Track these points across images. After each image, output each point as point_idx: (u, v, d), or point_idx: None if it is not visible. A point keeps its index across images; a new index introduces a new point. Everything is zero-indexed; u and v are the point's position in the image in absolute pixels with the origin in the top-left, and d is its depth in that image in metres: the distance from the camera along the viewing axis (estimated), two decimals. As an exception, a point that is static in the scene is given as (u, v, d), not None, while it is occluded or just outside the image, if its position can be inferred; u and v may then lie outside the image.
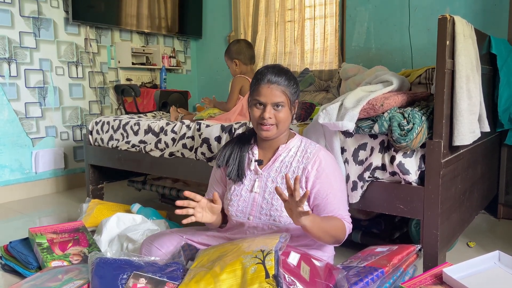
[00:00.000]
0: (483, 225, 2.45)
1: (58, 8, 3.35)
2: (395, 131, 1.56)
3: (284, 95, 1.50)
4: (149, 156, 2.45)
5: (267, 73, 1.51)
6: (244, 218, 1.57)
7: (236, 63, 2.51)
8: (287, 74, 1.53)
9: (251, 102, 1.55)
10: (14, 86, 3.13)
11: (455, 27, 1.63)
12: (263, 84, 1.50)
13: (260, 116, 1.50)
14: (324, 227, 1.42)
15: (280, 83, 1.49)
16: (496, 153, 2.49)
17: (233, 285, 1.24)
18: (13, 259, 1.83)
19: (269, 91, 1.49)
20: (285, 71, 1.54)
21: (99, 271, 1.36)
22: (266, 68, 1.54)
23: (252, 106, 1.54)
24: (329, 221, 1.46)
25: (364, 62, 3.23)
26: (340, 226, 1.49)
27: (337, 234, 1.47)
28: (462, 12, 2.80)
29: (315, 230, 1.38)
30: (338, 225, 1.48)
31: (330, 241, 1.49)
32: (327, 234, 1.43)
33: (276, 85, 1.49)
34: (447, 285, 1.39)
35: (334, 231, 1.46)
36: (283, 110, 1.50)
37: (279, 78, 1.50)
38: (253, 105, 1.54)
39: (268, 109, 1.49)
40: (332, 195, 1.51)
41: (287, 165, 1.56)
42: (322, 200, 1.51)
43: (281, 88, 1.49)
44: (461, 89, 1.62)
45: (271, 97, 1.49)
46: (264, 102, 1.50)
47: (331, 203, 1.50)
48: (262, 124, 1.50)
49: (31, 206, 3.02)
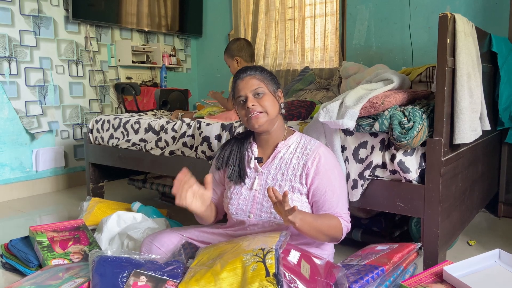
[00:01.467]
0: (484, 224, 2.45)
1: (58, 6, 3.34)
2: (395, 130, 1.56)
3: (261, 82, 1.54)
4: (149, 154, 2.45)
5: (238, 72, 1.58)
6: (245, 216, 1.57)
7: (237, 60, 2.50)
8: (257, 67, 1.60)
9: (236, 103, 1.58)
10: (14, 84, 3.13)
11: (455, 25, 1.62)
12: (238, 81, 1.56)
13: (246, 109, 1.52)
14: (316, 226, 1.40)
15: (252, 73, 1.55)
16: (496, 151, 2.49)
17: (234, 283, 1.24)
18: (13, 258, 1.84)
19: (243, 83, 1.54)
20: (255, 66, 1.61)
21: (99, 269, 1.36)
22: (237, 71, 1.61)
23: (238, 108, 1.57)
24: (322, 220, 1.44)
25: (365, 60, 3.22)
26: (336, 225, 1.47)
27: (332, 233, 1.46)
28: (463, 10, 2.80)
29: (306, 229, 1.38)
30: (333, 224, 1.46)
31: (326, 240, 1.48)
32: (320, 233, 1.42)
33: (249, 76, 1.55)
34: (448, 283, 1.39)
35: (328, 229, 1.44)
36: (265, 97, 1.53)
37: (249, 71, 1.56)
38: (238, 106, 1.57)
39: (250, 98, 1.52)
40: (331, 192, 1.50)
41: (286, 161, 1.56)
42: (321, 196, 1.50)
43: (256, 76, 1.55)
44: (462, 87, 1.62)
45: (248, 86, 1.53)
46: (243, 94, 1.53)
47: (330, 200, 1.50)
48: (250, 116, 1.51)
49: (31, 204, 3.02)
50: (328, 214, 1.49)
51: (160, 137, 2.40)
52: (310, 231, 1.39)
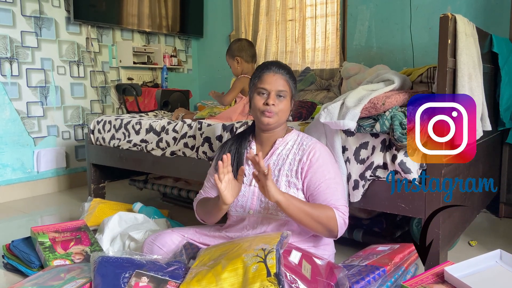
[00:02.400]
0: (485, 224, 2.45)
1: (59, 7, 3.35)
2: (396, 130, 1.56)
3: (287, 86, 1.55)
4: (150, 155, 2.45)
5: (271, 64, 1.57)
6: (244, 212, 1.58)
7: (238, 60, 2.50)
8: (289, 69, 1.60)
9: (254, 91, 1.57)
10: (15, 85, 3.13)
11: (456, 25, 1.63)
12: (268, 72, 1.55)
13: (264, 103, 1.52)
14: (305, 210, 1.41)
15: (283, 73, 1.55)
16: (497, 152, 2.49)
17: (235, 283, 1.24)
18: (15, 258, 1.84)
19: (274, 79, 1.53)
20: (288, 66, 1.61)
21: (101, 269, 1.37)
22: (269, 61, 1.60)
23: (254, 95, 1.56)
24: (314, 206, 1.45)
25: (366, 61, 3.22)
26: (329, 214, 1.44)
27: (325, 222, 1.44)
28: (464, 11, 2.80)
29: (293, 211, 1.40)
30: (325, 213, 1.44)
31: (322, 230, 1.45)
32: (312, 219, 1.42)
33: (280, 75, 1.54)
34: (449, 284, 1.39)
35: (319, 217, 1.42)
36: (285, 101, 1.54)
37: (283, 70, 1.56)
38: (256, 93, 1.56)
39: (272, 95, 1.52)
40: (325, 185, 1.50)
41: (284, 157, 1.57)
42: (314, 189, 1.51)
43: (285, 78, 1.55)
44: (463, 88, 1.62)
45: (276, 85, 1.53)
46: (268, 89, 1.53)
47: (323, 192, 1.49)
48: (265, 111, 1.52)
49: (33, 205, 3.02)
50: (321, 204, 1.48)
51: (161, 137, 2.40)
52: (299, 214, 1.41)
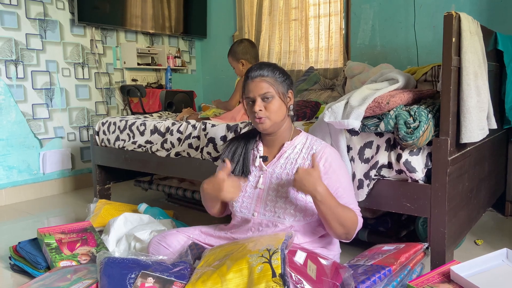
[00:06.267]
0: (491, 223, 2.44)
1: (63, 9, 3.37)
2: (401, 129, 1.56)
3: (270, 86, 1.53)
4: (155, 156, 2.46)
5: (251, 70, 1.57)
6: (249, 214, 1.58)
7: (242, 63, 2.51)
8: (270, 66, 1.57)
9: (246, 103, 1.60)
10: (21, 87, 3.15)
11: (461, 24, 1.62)
12: (249, 81, 1.56)
13: (252, 111, 1.55)
14: (335, 208, 1.42)
15: (263, 74, 1.54)
16: (503, 150, 2.48)
17: (240, 284, 1.25)
18: (22, 260, 1.85)
19: (253, 85, 1.54)
20: (269, 64, 1.59)
21: (107, 270, 1.37)
22: (250, 67, 1.60)
23: (247, 106, 1.59)
24: (343, 208, 1.46)
25: (369, 60, 3.21)
26: (352, 217, 1.48)
27: (347, 223, 1.45)
28: (468, 9, 2.79)
29: (325, 209, 1.41)
30: (350, 215, 1.47)
31: (339, 230, 1.46)
32: (335, 218, 1.43)
33: (259, 78, 1.54)
34: (455, 283, 1.39)
35: (345, 218, 1.44)
36: (273, 101, 1.53)
37: (261, 71, 1.54)
38: (247, 104, 1.59)
39: (258, 102, 1.53)
40: (342, 189, 1.52)
41: (292, 161, 1.57)
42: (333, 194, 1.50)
43: (266, 79, 1.54)
44: (469, 86, 1.61)
45: (257, 89, 1.53)
46: (252, 97, 1.55)
47: (342, 197, 1.51)
48: (256, 117, 1.54)
49: (39, 206, 3.04)
50: (348, 207, 1.50)
51: (165, 138, 2.41)
52: (328, 211, 1.41)
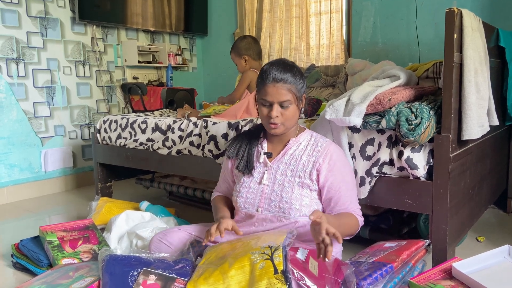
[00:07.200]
0: (493, 220, 2.44)
1: (64, 7, 3.36)
2: (403, 126, 1.55)
3: (290, 93, 1.49)
4: (156, 154, 2.46)
5: (272, 71, 1.49)
6: (253, 209, 1.58)
7: (245, 59, 2.51)
8: (292, 70, 1.51)
9: (258, 101, 1.56)
10: (22, 86, 3.15)
11: (462, 20, 1.61)
12: (268, 83, 1.49)
13: (268, 115, 1.52)
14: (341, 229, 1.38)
15: (285, 80, 1.48)
16: (505, 147, 2.47)
17: (242, 281, 1.25)
18: (24, 257, 1.86)
19: (275, 90, 1.48)
20: (290, 67, 1.52)
21: (109, 268, 1.38)
22: (270, 65, 1.52)
23: (259, 105, 1.56)
24: (344, 220, 1.48)
25: (371, 57, 3.21)
26: (354, 222, 1.52)
27: (351, 231, 1.52)
28: (469, 5, 2.78)
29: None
30: (352, 222, 1.51)
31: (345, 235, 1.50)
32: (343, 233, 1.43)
33: (281, 84, 1.48)
34: (457, 280, 1.39)
35: (349, 229, 1.50)
36: (290, 108, 1.51)
37: (284, 76, 1.48)
38: (260, 104, 1.55)
39: (275, 108, 1.49)
40: (345, 188, 1.53)
41: (297, 158, 1.57)
42: (336, 193, 1.52)
43: (287, 86, 1.49)
44: (470, 83, 1.61)
45: (277, 96, 1.49)
46: (270, 101, 1.50)
47: (344, 195, 1.53)
48: (270, 122, 1.52)
49: (41, 204, 3.05)
50: (345, 213, 1.52)
51: (167, 136, 2.41)
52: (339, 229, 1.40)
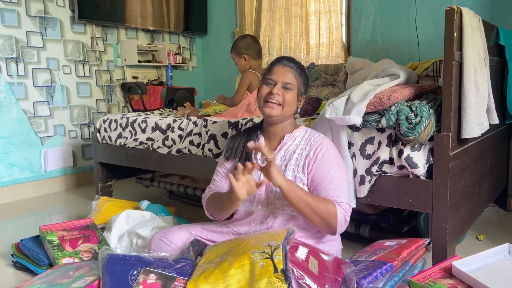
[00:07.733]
0: (493, 218, 2.44)
1: (64, 7, 3.36)
2: (402, 125, 1.55)
3: (295, 80, 1.57)
4: (156, 153, 2.46)
5: (284, 58, 1.61)
6: (252, 206, 1.59)
7: (245, 58, 2.50)
8: (301, 67, 1.62)
9: (262, 82, 1.61)
10: (22, 85, 3.15)
11: (462, 18, 1.61)
12: (277, 65, 1.59)
13: (268, 92, 1.55)
14: (304, 199, 1.42)
15: (293, 68, 1.58)
16: (505, 145, 2.47)
17: (242, 280, 1.25)
18: (24, 257, 1.86)
19: (282, 71, 1.57)
20: (301, 64, 1.64)
21: (109, 267, 1.38)
22: (283, 56, 1.64)
23: (262, 85, 1.60)
24: (316, 198, 1.46)
25: (371, 55, 3.21)
26: (329, 208, 1.45)
27: (324, 215, 1.44)
28: (469, 3, 2.77)
29: (292, 196, 1.42)
30: (325, 206, 1.44)
31: (318, 222, 1.45)
32: (309, 209, 1.42)
33: (289, 68, 1.57)
34: (457, 279, 1.39)
35: (319, 209, 1.43)
36: (291, 93, 1.56)
37: (293, 64, 1.59)
38: (263, 84, 1.59)
39: (278, 86, 1.55)
40: (327, 180, 1.50)
41: (291, 153, 1.59)
42: (317, 184, 1.51)
43: (294, 72, 1.57)
44: (469, 81, 1.61)
45: (283, 77, 1.56)
46: (275, 80, 1.56)
47: (325, 188, 1.50)
48: (268, 101, 1.54)
49: (41, 204, 3.05)
50: (325, 198, 1.49)
51: (167, 135, 2.41)
52: (299, 202, 1.42)
